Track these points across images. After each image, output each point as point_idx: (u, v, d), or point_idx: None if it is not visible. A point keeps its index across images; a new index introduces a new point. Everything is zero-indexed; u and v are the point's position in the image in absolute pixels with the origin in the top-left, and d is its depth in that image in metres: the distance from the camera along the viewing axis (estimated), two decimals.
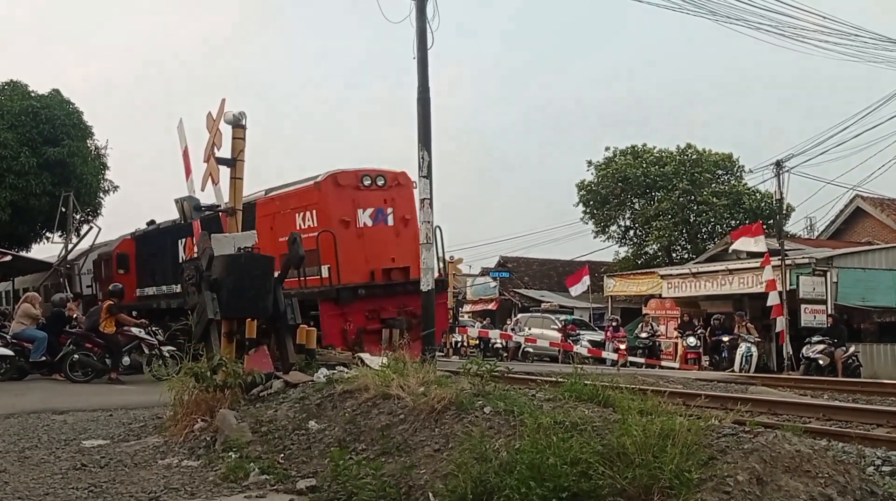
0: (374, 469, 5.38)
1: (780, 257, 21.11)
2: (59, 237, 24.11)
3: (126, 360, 13.59)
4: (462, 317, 32.68)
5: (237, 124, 9.65)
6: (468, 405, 5.85)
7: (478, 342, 27.47)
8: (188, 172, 10.46)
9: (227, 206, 9.81)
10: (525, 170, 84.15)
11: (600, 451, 4.41)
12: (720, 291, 24.11)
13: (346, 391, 6.94)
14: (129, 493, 5.67)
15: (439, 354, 14.82)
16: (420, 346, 12.73)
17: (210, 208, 10.26)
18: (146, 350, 13.81)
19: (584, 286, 29.69)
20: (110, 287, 15.70)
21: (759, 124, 72.85)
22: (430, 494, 4.96)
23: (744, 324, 20.56)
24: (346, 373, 7.72)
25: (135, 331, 13.97)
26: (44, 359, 13.76)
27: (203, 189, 10.08)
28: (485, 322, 31.78)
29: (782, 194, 23.34)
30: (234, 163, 9.62)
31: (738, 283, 23.17)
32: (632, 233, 37.54)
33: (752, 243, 21.60)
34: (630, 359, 22.14)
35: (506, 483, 4.37)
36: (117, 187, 27.31)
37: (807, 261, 21.84)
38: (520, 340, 26.64)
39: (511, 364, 15.38)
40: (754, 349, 19.64)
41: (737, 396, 10.39)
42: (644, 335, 23.14)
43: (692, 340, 21.60)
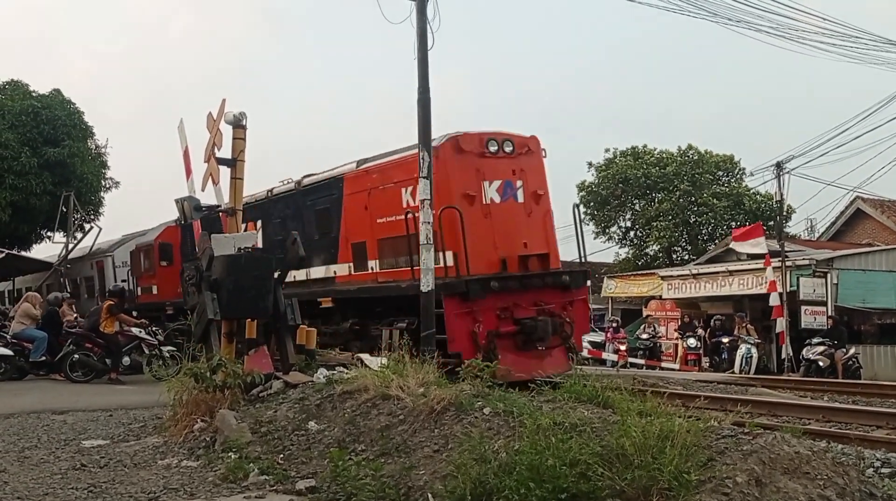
0: (373, 470, 5.38)
1: (781, 259, 21.10)
2: (60, 237, 24.10)
3: (126, 360, 13.57)
4: None
5: (238, 124, 9.66)
6: (467, 406, 5.86)
7: None
8: (188, 172, 10.47)
9: (227, 206, 9.83)
10: None
11: (599, 452, 4.41)
12: (720, 292, 24.04)
13: (345, 391, 6.95)
14: (128, 493, 5.68)
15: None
16: (564, 356, 11.26)
17: (210, 209, 10.26)
18: (146, 350, 13.80)
19: (754, 247, 22.54)
20: (110, 287, 15.73)
21: (759, 125, 72.86)
22: (430, 495, 4.97)
23: (744, 325, 20.55)
24: (346, 374, 7.72)
25: (135, 331, 13.96)
26: (43, 359, 13.77)
27: (203, 189, 10.10)
28: None
29: (783, 196, 23.33)
30: (234, 163, 9.63)
31: (738, 284, 23.11)
32: (632, 234, 37.49)
33: (752, 246, 21.58)
34: (630, 360, 22.12)
35: (505, 484, 4.38)
36: (118, 183, 27.31)
37: (807, 262, 21.81)
38: None
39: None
40: (754, 351, 19.62)
41: (736, 397, 10.40)
42: (645, 337, 23.10)
43: (692, 341, 21.57)
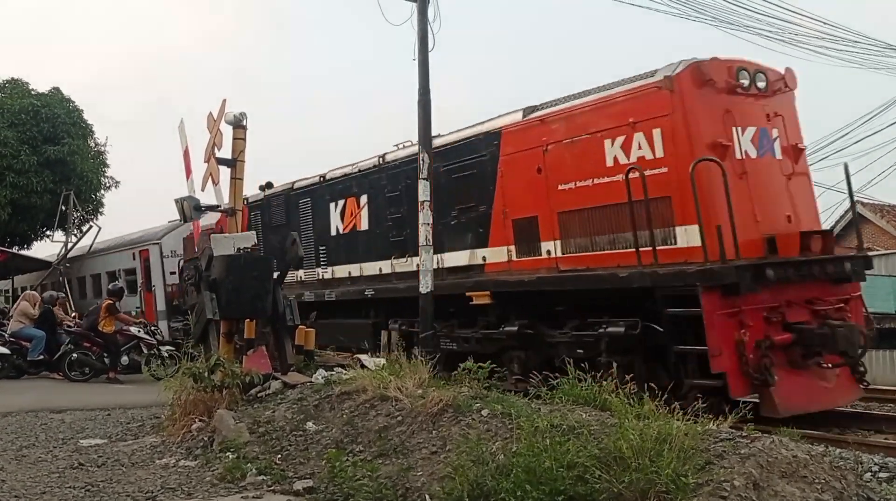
0: (371, 471, 5.38)
1: None
2: (59, 236, 24.05)
3: (124, 359, 13.57)
4: None
5: (238, 125, 9.68)
6: (466, 407, 5.86)
7: None
8: (188, 172, 10.48)
9: (227, 206, 9.84)
10: None
11: (597, 455, 4.41)
12: None
13: (344, 392, 6.95)
14: (125, 493, 5.68)
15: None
16: (851, 378, 8.84)
17: (210, 208, 10.27)
18: (145, 350, 13.79)
19: None
20: (109, 286, 15.70)
21: None
22: (427, 496, 4.97)
23: None
24: (345, 375, 7.72)
25: (133, 330, 13.96)
26: (41, 358, 13.76)
27: (203, 189, 10.11)
28: None
29: None
30: (234, 163, 9.64)
31: None
32: None
33: None
34: None
35: (502, 486, 4.38)
36: (118, 183, 27.26)
37: None
38: None
39: None
40: None
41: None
42: None
43: None
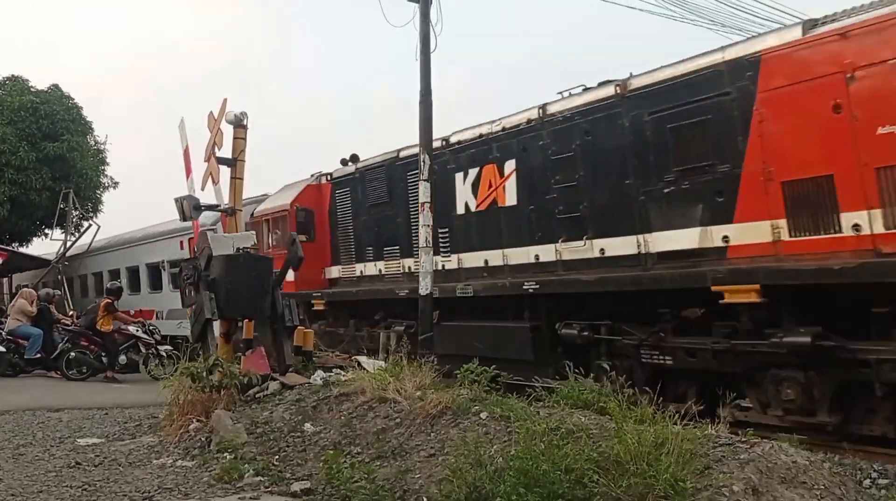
0: (368, 473, 5.37)
1: None
2: (58, 234, 24.02)
3: (122, 358, 13.56)
4: None
5: (238, 124, 9.67)
6: (464, 410, 5.85)
7: None
8: (188, 171, 10.46)
9: (226, 206, 9.83)
10: None
11: (595, 459, 4.40)
12: None
13: (342, 393, 6.94)
14: (122, 492, 5.66)
15: None
16: None
17: (210, 208, 10.25)
18: (143, 349, 13.78)
19: None
20: (108, 285, 15.67)
21: None
22: (425, 498, 4.95)
23: None
24: (343, 376, 7.71)
25: (132, 330, 13.94)
26: (38, 356, 13.74)
27: (203, 188, 10.09)
28: None
29: None
30: (234, 163, 9.63)
31: None
32: None
33: None
34: None
35: (500, 489, 4.36)
36: (117, 184, 27.22)
37: None
38: None
39: None
40: None
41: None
42: None
43: None
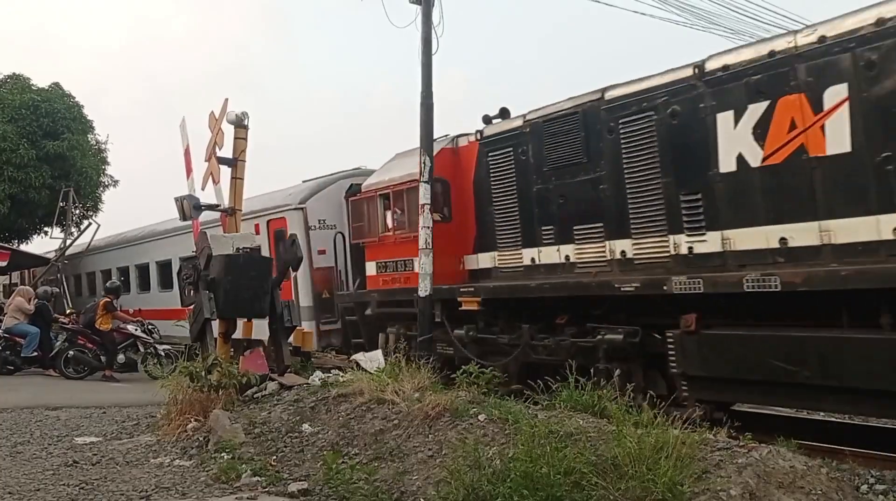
0: (366, 474, 5.37)
1: None
2: (58, 232, 24.01)
3: (121, 357, 13.54)
4: None
5: (239, 124, 9.66)
6: (463, 411, 5.85)
7: None
8: (189, 170, 10.45)
9: (226, 206, 9.81)
10: None
11: (594, 462, 4.41)
12: None
13: (340, 394, 6.93)
14: (119, 491, 5.66)
15: None
16: None
17: (210, 208, 10.24)
18: (141, 348, 13.76)
19: None
20: (107, 284, 15.65)
21: None
22: (423, 500, 4.95)
23: None
24: (341, 377, 7.70)
25: (131, 329, 13.93)
26: (35, 354, 13.72)
27: (203, 188, 10.08)
28: None
29: None
30: (235, 163, 9.62)
31: None
32: None
33: None
34: None
35: (498, 491, 4.36)
36: (117, 182, 27.20)
37: None
38: None
39: None
40: None
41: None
42: None
43: None
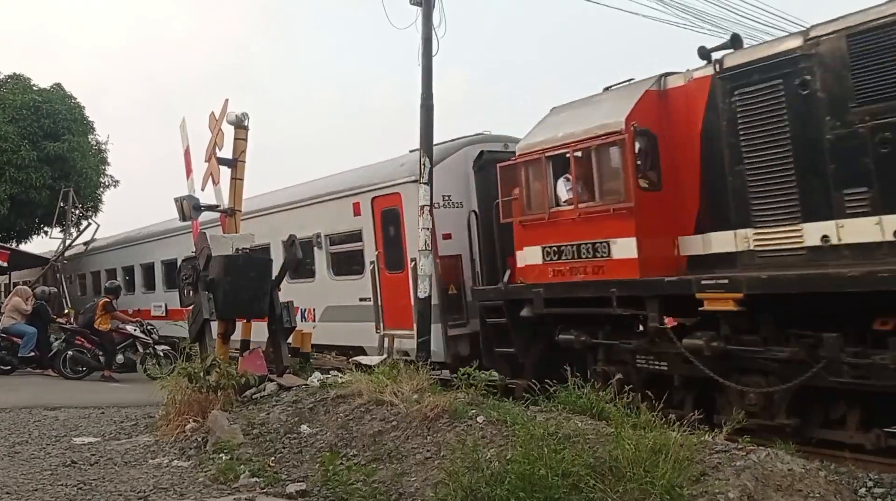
0: (364, 475, 5.37)
1: None
2: (58, 232, 24.02)
3: (120, 358, 13.54)
4: None
5: (239, 125, 9.65)
6: (461, 413, 5.85)
7: None
8: (189, 171, 10.44)
9: (226, 206, 9.80)
10: None
11: (592, 464, 4.41)
12: None
13: (339, 395, 6.93)
14: (118, 491, 5.65)
15: None
16: None
17: (210, 208, 10.23)
18: (140, 349, 13.76)
19: None
20: (107, 284, 15.65)
21: None
22: None
23: None
24: (340, 378, 7.70)
25: (130, 329, 13.92)
26: (32, 354, 13.72)
27: (203, 189, 10.07)
28: None
29: None
30: (235, 163, 9.61)
31: None
32: None
33: None
34: None
35: (496, 492, 4.36)
36: (117, 182, 27.20)
37: None
38: None
39: None
40: None
41: None
42: None
43: None
